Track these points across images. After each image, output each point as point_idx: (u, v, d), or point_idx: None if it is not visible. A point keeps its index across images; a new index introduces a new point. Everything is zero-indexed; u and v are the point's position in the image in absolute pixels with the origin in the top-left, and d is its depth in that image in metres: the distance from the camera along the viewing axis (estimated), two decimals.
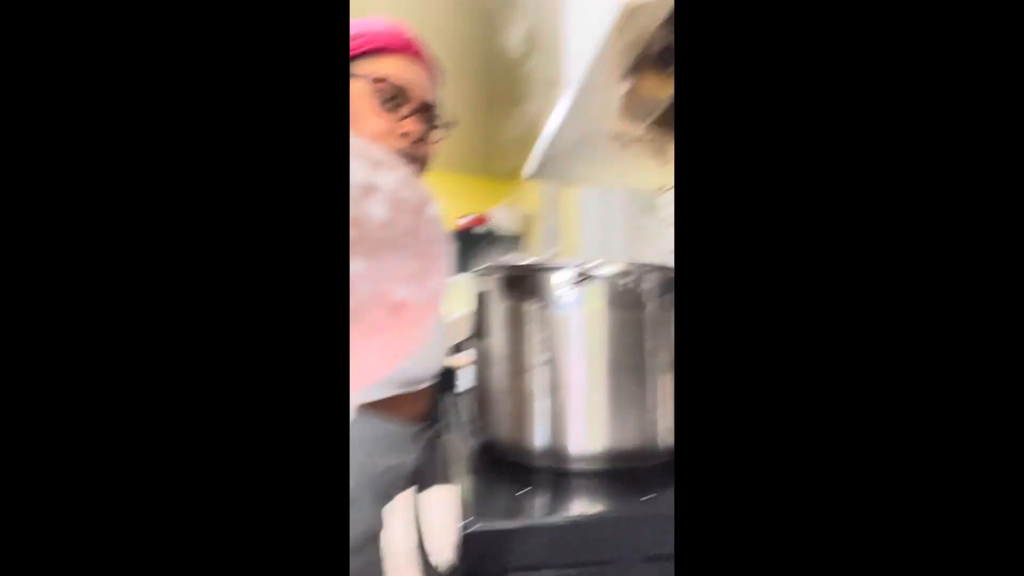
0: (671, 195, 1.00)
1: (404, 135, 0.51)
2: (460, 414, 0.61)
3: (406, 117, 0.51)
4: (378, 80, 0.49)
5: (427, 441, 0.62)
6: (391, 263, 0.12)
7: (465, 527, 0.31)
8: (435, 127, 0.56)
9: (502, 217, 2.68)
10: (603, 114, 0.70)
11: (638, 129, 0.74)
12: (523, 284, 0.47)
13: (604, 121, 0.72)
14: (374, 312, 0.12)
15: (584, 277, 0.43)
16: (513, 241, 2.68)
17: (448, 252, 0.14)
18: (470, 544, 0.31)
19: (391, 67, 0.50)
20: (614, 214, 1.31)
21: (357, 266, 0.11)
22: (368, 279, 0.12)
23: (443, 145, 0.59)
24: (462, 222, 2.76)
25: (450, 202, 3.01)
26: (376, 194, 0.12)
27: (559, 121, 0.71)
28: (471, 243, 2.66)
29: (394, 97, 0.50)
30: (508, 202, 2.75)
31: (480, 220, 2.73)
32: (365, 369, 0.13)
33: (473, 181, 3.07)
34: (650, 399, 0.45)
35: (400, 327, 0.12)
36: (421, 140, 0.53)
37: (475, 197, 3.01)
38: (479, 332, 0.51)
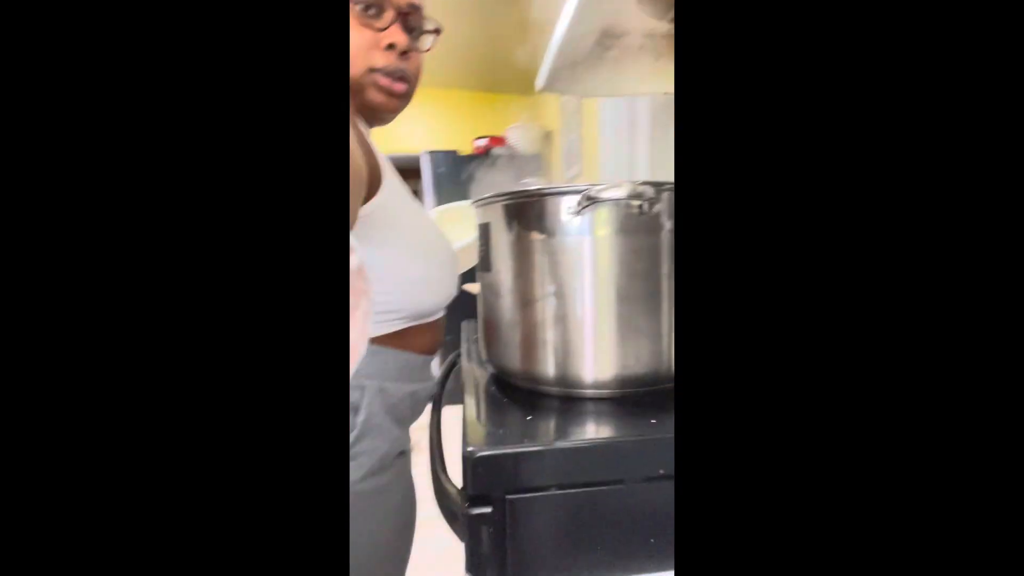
0: None
1: (389, 47, 0.47)
2: (476, 341, 0.62)
3: (389, 25, 0.46)
4: None
5: (446, 367, 0.65)
6: None
7: (470, 451, 0.33)
8: (423, 33, 0.51)
9: (520, 136, 2.54)
10: (619, 10, 0.61)
11: (661, 25, 0.65)
12: (527, 212, 0.45)
13: (621, 19, 0.63)
14: None
15: (587, 203, 0.40)
16: (533, 161, 2.56)
17: (367, 301, 0.14)
18: (475, 466, 0.32)
19: None
20: (640, 125, 1.21)
21: None
22: None
23: (451, 59, 0.54)
24: (478, 144, 2.64)
25: (464, 122, 2.87)
26: None
27: (568, 23, 0.63)
28: (489, 166, 2.57)
29: (374, 4, 0.45)
30: (525, 119, 2.59)
31: (498, 141, 2.60)
32: None
33: (488, 97, 2.87)
34: (665, 324, 0.44)
35: None
36: (408, 51, 0.48)
37: (491, 115, 2.84)
38: (484, 263, 0.50)
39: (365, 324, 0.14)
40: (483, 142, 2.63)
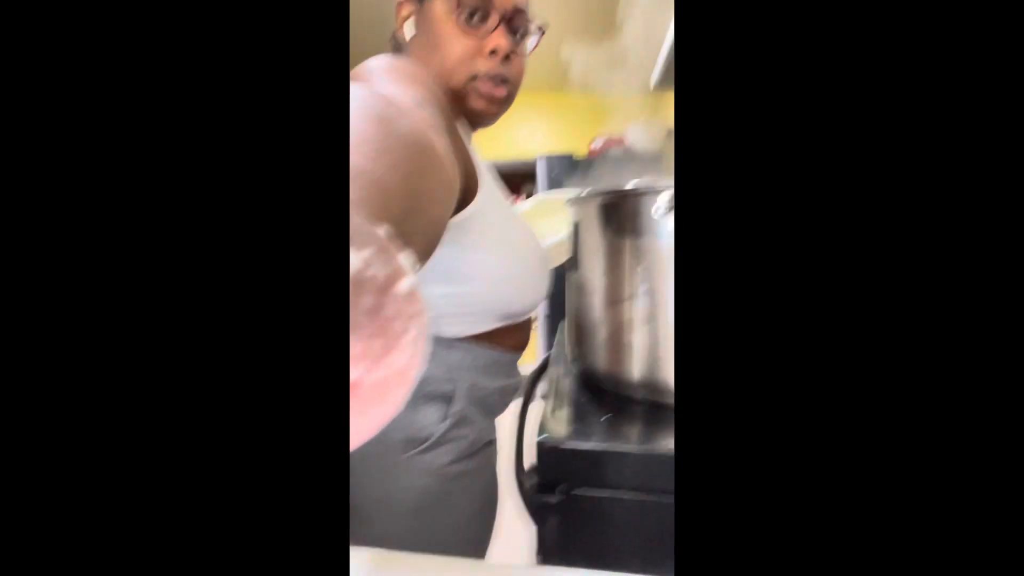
0: None
1: (493, 53, 0.48)
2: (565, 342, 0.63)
3: (493, 30, 0.48)
4: None
5: (538, 366, 0.67)
6: None
7: (543, 439, 0.34)
8: (527, 34, 0.52)
9: (639, 135, 2.45)
10: None
11: None
12: (618, 210, 0.45)
13: None
14: None
15: (676, 202, 0.38)
16: (653, 161, 2.45)
17: (419, 325, 0.13)
18: (546, 455, 0.33)
19: None
20: None
21: None
22: None
23: (564, 61, 0.55)
24: (595, 145, 2.61)
25: (581, 125, 2.86)
26: None
27: None
28: (606, 166, 2.52)
29: (478, 10, 0.47)
30: (645, 117, 2.48)
31: (615, 141, 2.54)
32: None
33: (603, 98, 2.82)
34: None
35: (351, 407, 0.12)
36: (511, 55, 0.49)
37: (609, 116, 2.78)
38: (573, 261, 0.51)
39: (416, 348, 0.13)
40: (599, 143, 2.59)
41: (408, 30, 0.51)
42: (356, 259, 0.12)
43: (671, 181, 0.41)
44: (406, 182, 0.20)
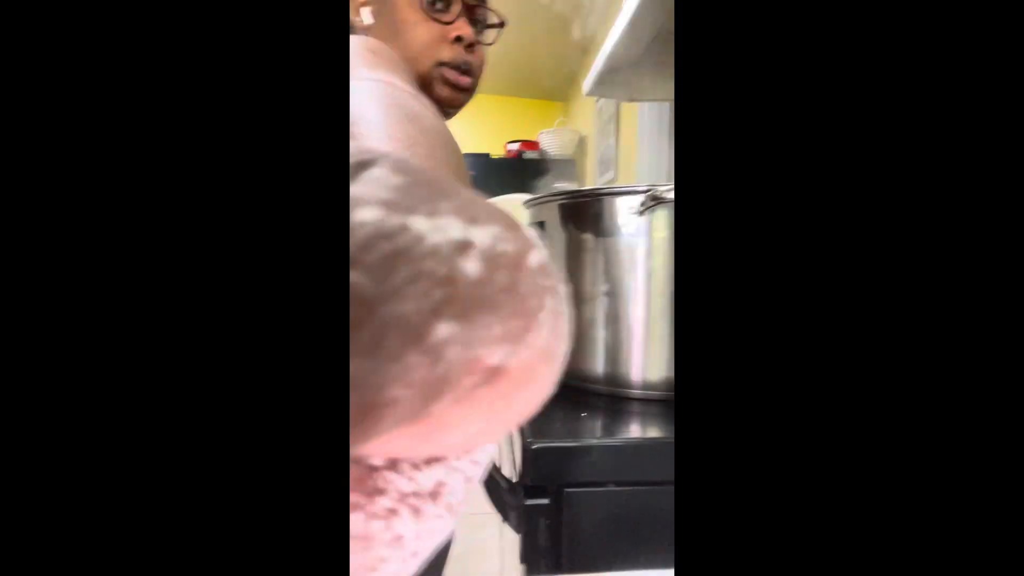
0: None
1: (457, 40, 0.47)
2: None
3: (456, 19, 0.47)
4: None
5: None
6: (484, 324, 0.11)
7: (528, 444, 0.33)
8: (487, 26, 0.52)
9: (552, 141, 2.55)
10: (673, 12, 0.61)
11: None
12: (585, 212, 0.45)
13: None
14: (464, 381, 0.11)
15: (652, 203, 0.40)
16: (566, 166, 2.57)
17: (554, 299, 0.12)
18: (531, 460, 0.33)
19: None
20: None
21: (444, 330, 0.10)
22: (458, 343, 0.10)
23: (490, 65, 0.54)
24: (511, 148, 2.67)
25: (496, 127, 2.90)
26: (471, 250, 0.11)
27: (624, 27, 0.63)
28: (521, 169, 2.59)
29: None
30: (559, 124, 2.59)
31: (530, 145, 2.62)
32: (463, 441, 0.12)
33: (522, 103, 2.90)
34: None
35: (499, 395, 0.11)
36: (473, 44, 0.49)
37: (525, 120, 2.86)
38: None
39: (556, 323, 0.12)
40: (515, 146, 2.65)
41: (365, 18, 0.47)
42: (485, 235, 0.11)
43: (638, 183, 0.43)
44: (458, 177, 0.19)
